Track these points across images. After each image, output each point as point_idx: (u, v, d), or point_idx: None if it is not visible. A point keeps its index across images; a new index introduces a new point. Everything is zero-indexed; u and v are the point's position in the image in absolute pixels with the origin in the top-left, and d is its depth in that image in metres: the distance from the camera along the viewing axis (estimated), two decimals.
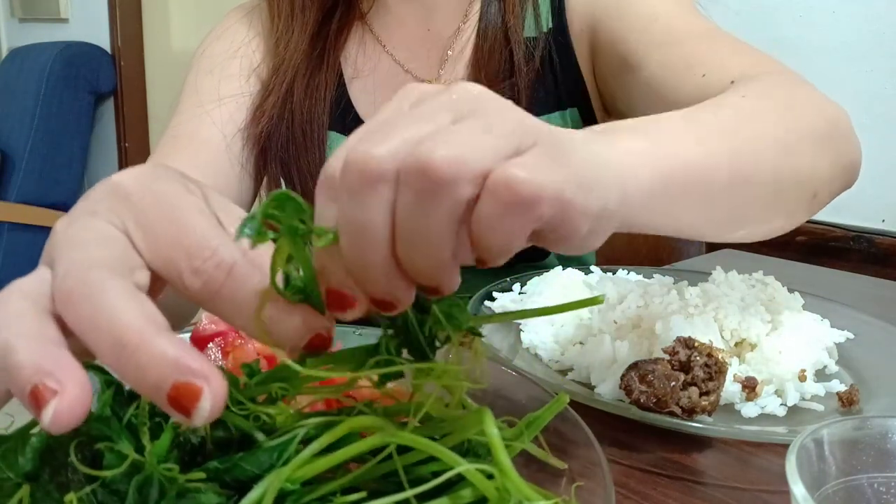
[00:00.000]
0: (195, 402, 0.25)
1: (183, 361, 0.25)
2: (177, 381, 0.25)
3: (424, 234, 0.27)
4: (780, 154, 0.49)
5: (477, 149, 0.27)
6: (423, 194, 0.26)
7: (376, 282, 0.28)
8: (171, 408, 0.25)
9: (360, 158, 0.27)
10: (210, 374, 0.25)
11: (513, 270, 0.85)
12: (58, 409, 0.24)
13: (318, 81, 0.80)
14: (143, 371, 0.25)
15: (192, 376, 0.25)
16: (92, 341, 0.25)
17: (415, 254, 0.27)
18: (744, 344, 0.56)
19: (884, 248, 1.29)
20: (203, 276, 0.27)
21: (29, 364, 0.25)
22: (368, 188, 0.27)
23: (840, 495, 0.32)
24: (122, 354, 0.25)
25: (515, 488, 0.28)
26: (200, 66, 0.82)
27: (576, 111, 0.83)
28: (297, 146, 0.80)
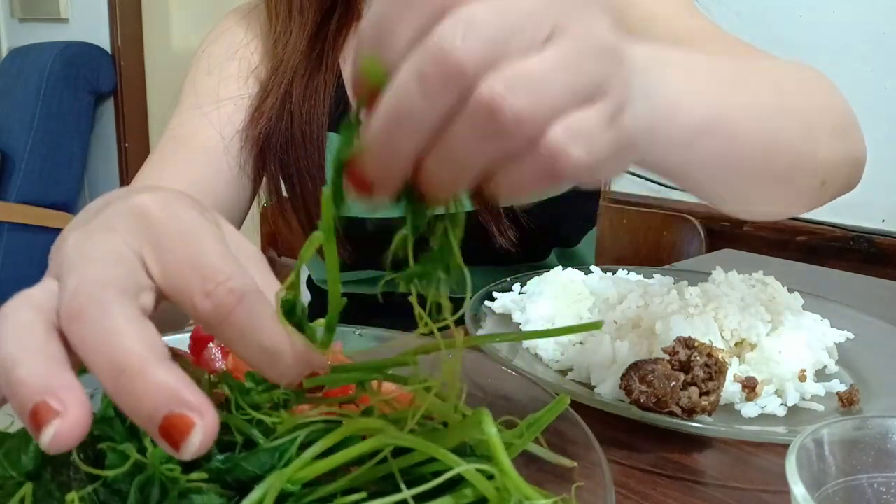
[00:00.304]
0: (186, 435, 0.25)
1: (179, 393, 0.25)
2: (170, 413, 0.25)
3: (466, 161, 0.27)
4: (802, 133, 0.49)
5: (555, 103, 0.26)
6: (481, 131, 0.26)
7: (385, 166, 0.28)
8: (161, 438, 0.25)
9: (451, 55, 0.25)
10: (205, 408, 0.25)
11: (513, 270, 0.85)
12: (59, 430, 0.24)
13: (317, 82, 0.80)
14: (139, 399, 0.25)
15: (187, 409, 0.25)
16: (92, 363, 0.25)
17: (443, 171, 0.28)
18: (744, 344, 0.56)
19: (884, 248, 1.29)
20: (215, 299, 0.27)
21: (32, 381, 0.25)
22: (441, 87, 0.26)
23: (840, 495, 0.32)
24: (120, 380, 0.25)
25: (515, 488, 0.28)
26: (199, 68, 0.82)
27: None
28: (296, 147, 0.80)
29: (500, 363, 0.47)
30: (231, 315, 0.27)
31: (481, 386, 0.44)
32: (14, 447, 0.28)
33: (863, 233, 1.32)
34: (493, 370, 0.45)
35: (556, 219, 0.83)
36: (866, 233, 1.31)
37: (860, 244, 1.32)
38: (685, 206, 1.49)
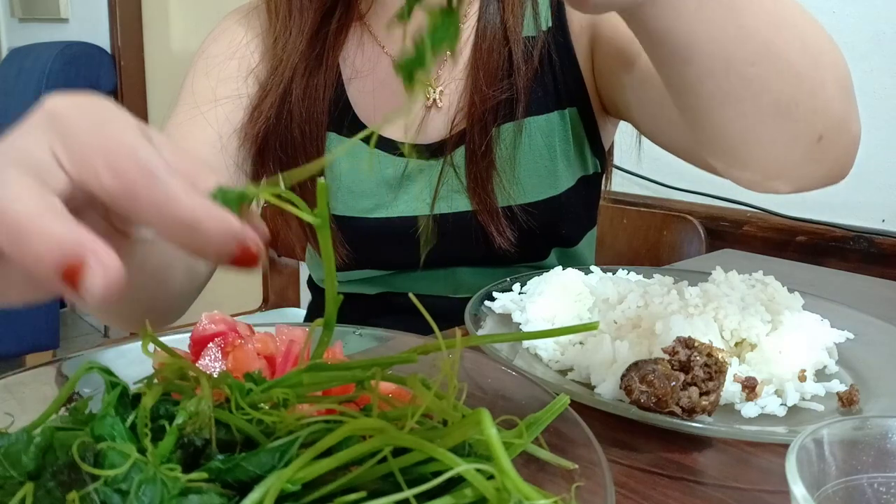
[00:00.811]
0: (86, 278, 0.25)
1: (79, 238, 0.25)
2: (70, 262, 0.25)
3: None
4: (810, 64, 0.48)
5: None
6: None
7: None
8: (66, 286, 0.25)
9: None
10: (101, 250, 0.25)
11: (513, 270, 0.85)
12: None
13: (316, 82, 0.80)
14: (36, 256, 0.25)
15: (84, 249, 0.25)
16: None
17: None
18: (744, 344, 0.56)
19: (884, 248, 1.29)
20: (122, 176, 0.27)
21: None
22: None
23: (840, 495, 0.32)
24: (19, 241, 0.25)
25: (515, 488, 0.28)
26: (197, 68, 0.82)
27: (575, 111, 0.83)
28: (295, 147, 0.80)
29: (500, 363, 0.47)
30: (141, 190, 0.27)
31: (481, 386, 0.44)
32: (14, 447, 0.28)
33: (863, 233, 1.32)
34: (493, 370, 0.45)
35: (555, 219, 0.83)
36: (866, 233, 1.31)
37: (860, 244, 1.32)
38: (685, 206, 1.49)
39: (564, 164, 0.83)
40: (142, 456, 0.27)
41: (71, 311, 3.61)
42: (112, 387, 0.29)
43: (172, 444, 0.28)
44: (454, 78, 0.83)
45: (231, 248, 0.28)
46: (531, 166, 0.81)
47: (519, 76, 0.79)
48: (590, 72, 0.83)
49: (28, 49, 2.73)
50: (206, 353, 0.42)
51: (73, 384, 0.32)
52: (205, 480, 0.28)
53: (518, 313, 0.65)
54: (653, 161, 1.55)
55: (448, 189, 0.81)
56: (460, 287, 0.86)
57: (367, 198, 0.81)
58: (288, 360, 0.41)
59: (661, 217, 1.27)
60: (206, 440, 0.29)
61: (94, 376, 0.31)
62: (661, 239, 1.26)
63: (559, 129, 0.83)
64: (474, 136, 0.79)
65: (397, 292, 0.86)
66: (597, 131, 0.86)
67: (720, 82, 0.45)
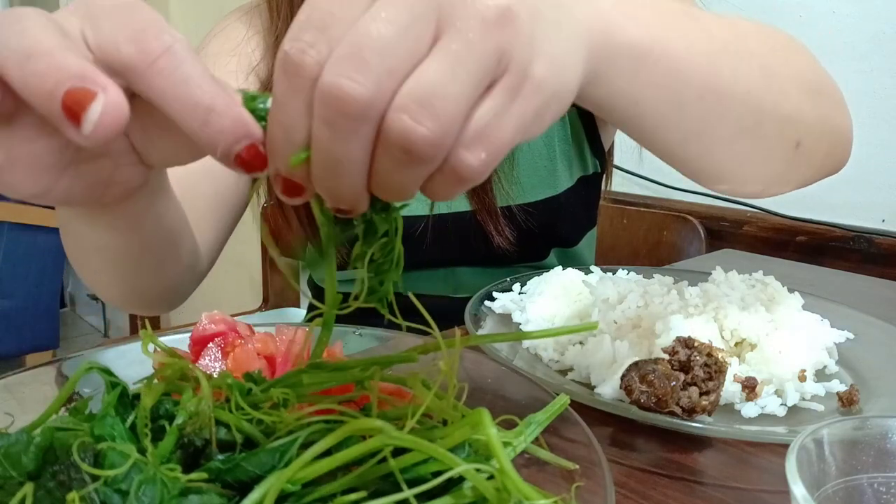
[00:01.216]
0: (86, 106, 0.25)
1: (83, 70, 0.25)
2: (72, 87, 0.25)
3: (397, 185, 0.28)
4: (761, 80, 0.48)
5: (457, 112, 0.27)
6: (401, 162, 0.27)
7: (341, 195, 0.28)
8: (64, 117, 0.25)
9: (342, 93, 0.26)
10: (108, 85, 0.25)
11: (513, 270, 0.85)
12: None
13: None
14: (42, 77, 0.25)
15: (88, 82, 0.25)
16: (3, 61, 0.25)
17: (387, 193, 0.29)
18: (744, 344, 0.56)
19: (884, 248, 1.29)
20: (140, 45, 0.27)
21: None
22: (348, 127, 0.26)
23: (840, 495, 0.32)
24: (26, 65, 0.25)
25: (515, 488, 0.28)
26: None
27: (574, 111, 0.83)
28: None
29: (500, 363, 0.47)
30: (158, 61, 0.27)
31: (481, 386, 0.44)
32: (14, 447, 0.28)
33: (863, 233, 1.32)
34: (493, 370, 0.45)
35: (555, 219, 0.83)
36: (866, 233, 1.31)
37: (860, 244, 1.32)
38: (685, 206, 1.49)
39: (564, 165, 0.83)
40: (142, 456, 0.27)
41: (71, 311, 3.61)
42: (112, 387, 0.29)
43: (172, 445, 0.28)
44: None
45: (241, 144, 0.28)
46: (530, 166, 0.81)
47: None
48: None
49: None
50: (206, 353, 0.42)
51: (74, 384, 0.32)
52: (205, 480, 0.28)
53: (518, 313, 0.65)
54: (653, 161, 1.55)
55: None
56: (460, 287, 0.86)
57: None
58: (288, 360, 0.41)
59: (661, 217, 1.27)
60: (207, 440, 0.29)
61: (93, 376, 0.31)
62: (661, 239, 1.26)
63: (559, 130, 0.83)
64: None
65: (397, 292, 0.86)
66: (596, 132, 0.86)
67: (676, 125, 0.45)
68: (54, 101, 0.24)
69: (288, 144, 0.27)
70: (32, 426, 0.30)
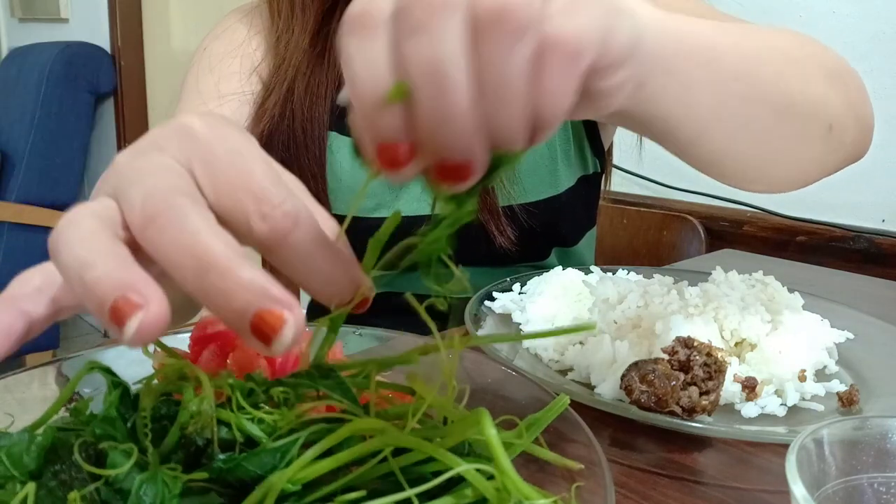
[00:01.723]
0: (278, 330, 0.25)
1: (268, 289, 0.25)
2: (261, 309, 0.25)
3: (509, 80, 0.26)
4: (791, 70, 0.48)
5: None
6: (503, 35, 0.25)
7: (458, 136, 0.26)
8: (252, 336, 0.25)
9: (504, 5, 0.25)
10: (293, 303, 0.25)
11: (513, 270, 0.85)
12: (143, 321, 0.24)
13: (318, 80, 0.80)
14: (229, 296, 0.25)
15: (277, 304, 0.25)
16: (175, 264, 0.25)
17: (500, 103, 0.26)
18: (744, 344, 0.56)
19: (884, 248, 1.29)
20: (271, 222, 0.27)
21: (110, 279, 0.25)
22: (440, 18, 0.25)
23: (840, 495, 0.32)
24: (208, 278, 0.25)
25: (515, 488, 0.28)
26: (201, 66, 0.82)
27: None
28: (297, 145, 0.80)
29: (500, 363, 0.47)
30: (288, 238, 0.27)
31: (481, 386, 0.44)
32: (16, 447, 0.28)
33: (863, 233, 1.32)
34: (493, 370, 0.45)
35: (556, 218, 0.83)
36: (866, 233, 1.31)
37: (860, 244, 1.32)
38: (685, 206, 1.49)
39: (565, 164, 0.83)
40: (143, 456, 0.27)
41: None
42: (114, 387, 0.29)
43: (174, 444, 0.28)
44: None
45: (349, 295, 0.30)
46: (532, 166, 0.81)
47: None
48: None
49: (28, 49, 2.73)
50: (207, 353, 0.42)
51: (76, 384, 0.32)
52: (206, 480, 0.28)
53: (518, 313, 0.65)
54: (653, 161, 1.55)
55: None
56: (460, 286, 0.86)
57: (368, 197, 0.81)
58: (288, 360, 0.41)
59: (661, 217, 1.27)
60: (208, 440, 0.29)
61: (93, 376, 0.31)
62: (661, 239, 1.26)
63: (560, 129, 0.83)
64: None
65: (398, 292, 0.86)
66: (597, 131, 0.86)
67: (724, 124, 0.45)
68: (242, 321, 0.25)
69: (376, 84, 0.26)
70: (34, 426, 0.30)
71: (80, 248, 0.25)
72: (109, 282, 0.25)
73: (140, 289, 0.24)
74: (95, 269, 0.25)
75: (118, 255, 0.26)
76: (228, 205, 0.27)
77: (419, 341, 0.46)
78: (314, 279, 0.29)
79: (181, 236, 0.25)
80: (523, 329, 0.63)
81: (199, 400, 0.29)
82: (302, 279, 0.28)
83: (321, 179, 0.80)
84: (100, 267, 0.25)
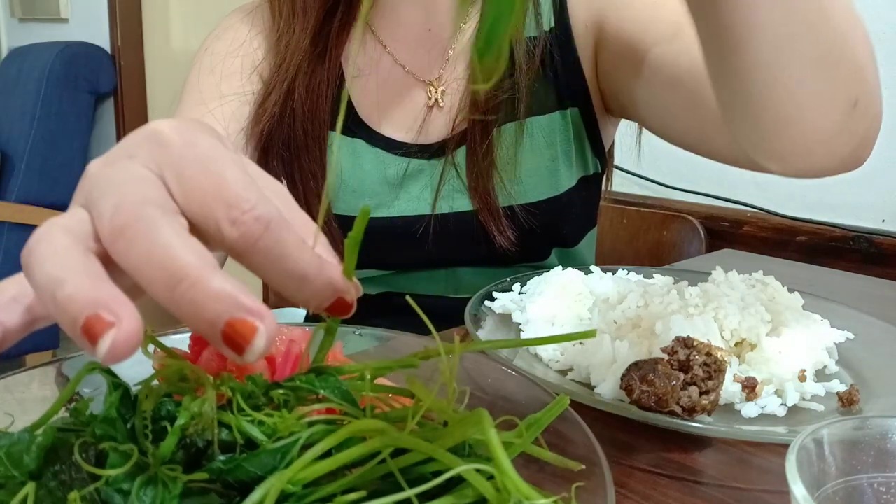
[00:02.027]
0: (250, 340, 0.25)
1: (239, 299, 0.25)
2: (232, 318, 0.25)
3: None
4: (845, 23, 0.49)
5: None
6: None
7: None
8: (224, 345, 0.25)
9: None
10: (264, 312, 0.25)
11: (514, 270, 0.85)
12: (116, 340, 0.24)
13: (319, 80, 0.80)
14: (199, 307, 0.25)
15: (248, 314, 0.25)
16: (146, 277, 0.25)
17: None
18: (744, 344, 0.56)
19: (884, 248, 1.29)
20: (241, 227, 0.27)
21: (81, 297, 0.25)
22: None
23: (840, 495, 0.32)
24: (178, 290, 0.25)
25: (515, 488, 0.28)
26: (202, 65, 0.82)
27: (577, 110, 0.83)
28: (298, 145, 0.80)
29: (499, 363, 0.47)
30: (258, 243, 0.27)
31: (481, 386, 0.44)
32: (16, 447, 0.28)
33: (863, 233, 1.32)
34: (493, 370, 0.45)
35: (556, 219, 0.83)
36: (866, 233, 1.31)
37: (860, 244, 1.32)
38: (685, 206, 1.49)
39: (565, 164, 0.83)
40: (143, 456, 0.27)
41: None
42: (115, 388, 0.29)
43: (174, 446, 0.28)
44: (456, 78, 0.84)
45: (331, 301, 0.30)
46: (532, 166, 0.82)
47: (521, 76, 0.79)
48: (592, 71, 0.83)
49: (28, 49, 2.73)
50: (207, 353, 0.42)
51: (76, 384, 0.32)
52: (206, 481, 0.28)
53: (518, 313, 0.65)
54: (653, 161, 1.55)
55: (449, 188, 0.81)
56: (461, 287, 0.86)
57: (368, 197, 0.81)
58: (288, 361, 0.41)
59: (661, 217, 1.27)
60: (208, 441, 0.29)
61: (94, 377, 0.31)
62: (661, 239, 1.26)
63: (561, 129, 0.83)
64: (476, 135, 0.79)
65: (398, 292, 0.86)
66: (598, 131, 0.86)
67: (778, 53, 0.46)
68: (214, 329, 0.25)
69: None
70: (34, 426, 0.30)
71: (52, 265, 0.26)
72: (81, 300, 0.24)
73: (112, 306, 0.24)
74: (67, 287, 0.25)
75: (90, 271, 0.26)
76: (199, 211, 0.28)
77: (419, 342, 0.46)
78: (288, 283, 0.29)
79: (150, 248, 0.25)
80: (523, 329, 0.63)
81: (201, 401, 0.29)
82: (275, 283, 0.28)
83: (321, 179, 0.80)
84: (71, 284, 0.25)
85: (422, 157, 0.82)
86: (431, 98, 0.83)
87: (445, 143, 0.81)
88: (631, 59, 0.75)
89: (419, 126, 0.83)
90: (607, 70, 0.81)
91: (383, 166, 0.82)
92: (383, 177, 0.82)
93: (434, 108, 0.83)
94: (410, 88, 0.84)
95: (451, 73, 0.84)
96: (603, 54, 0.81)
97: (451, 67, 0.84)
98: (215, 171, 0.28)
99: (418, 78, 0.84)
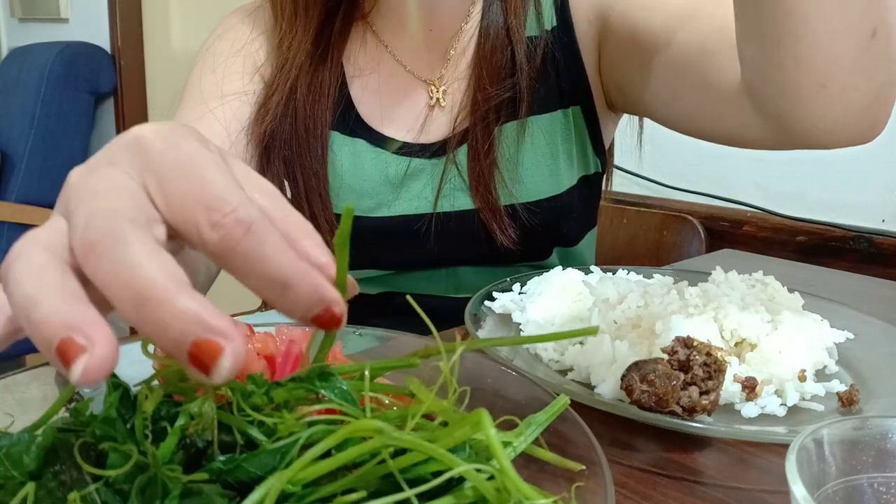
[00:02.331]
0: (215, 360, 0.25)
1: (205, 319, 0.25)
2: (198, 339, 0.25)
3: None
4: None
5: None
6: None
7: None
8: (191, 365, 0.25)
9: None
10: (231, 332, 0.25)
11: (514, 270, 0.85)
12: (88, 365, 0.24)
13: (320, 80, 0.80)
14: (165, 327, 0.25)
15: (213, 334, 0.25)
16: (113, 295, 0.25)
17: None
18: (744, 344, 0.56)
19: (884, 248, 1.29)
20: (221, 230, 0.27)
21: (55, 319, 0.24)
22: None
23: (840, 495, 0.32)
24: (143, 310, 0.25)
25: (515, 488, 0.28)
26: (204, 65, 0.82)
27: (578, 109, 0.83)
28: (300, 144, 0.80)
29: (499, 363, 0.47)
30: (238, 246, 0.27)
31: (481, 386, 0.44)
32: (16, 447, 0.28)
33: (863, 233, 1.32)
34: (493, 370, 0.45)
35: (557, 218, 0.83)
36: (866, 233, 1.31)
37: (860, 244, 1.32)
38: (685, 206, 1.49)
39: (566, 164, 0.83)
40: (143, 457, 0.27)
41: None
42: (115, 388, 0.29)
43: (174, 446, 0.28)
44: (457, 77, 0.84)
45: (317, 310, 0.28)
46: (534, 165, 0.82)
47: (522, 75, 0.79)
48: (594, 69, 0.83)
49: (28, 49, 2.73)
50: None
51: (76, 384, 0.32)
52: (205, 481, 0.28)
53: (518, 313, 0.65)
54: (653, 161, 1.55)
55: (451, 187, 0.81)
56: (462, 287, 0.86)
57: (369, 197, 0.81)
58: (288, 361, 0.41)
59: (661, 217, 1.27)
60: (208, 442, 0.29)
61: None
62: (661, 239, 1.26)
63: (562, 128, 0.83)
64: (477, 134, 0.80)
65: (398, 292, 0.86)
66: (598, 129, 0.86)
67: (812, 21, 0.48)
68: (180, 349, 0.25)
69: None
70: (34, 426, 0.30)
71: (28, 283, 0.25)
72: (54, 322, 0.24)
73: (86, 329, 0.24)
74: (41, 308, 0.25)
75: (66, 290, 0.25)
76: (179, 214, 0.27)
77: (419, 342, 0.46)
78: (270, 289, 0.28)
79: (117, 266, 0.25)
80: (523, 329, 0.63)
81: (201, 402, 0.29)
82: (256, 289, 0.28)
83: (323, 178, 0.80)
84: (46, 305, 0.25)
85: (423, 156, 0.82)
86: (433, 97, 0.83)
87: (446, 143, 0.82)
88: (639, 47, 0.75)
89: (420, 125, 0.83)
90: (613, 62, 0.81)
91: (384, 166, 0.82)
92: (384, 176, 0.82)
93: (435, 107, 0.83)
94: (411, 88, 0.84)
95: (452, 72, 0.84)
96: (607, 47, 0.80)
97: (453, 67, 0.84)
98: (196, 174, 0.28)
99: (419, 77, 0.84)
